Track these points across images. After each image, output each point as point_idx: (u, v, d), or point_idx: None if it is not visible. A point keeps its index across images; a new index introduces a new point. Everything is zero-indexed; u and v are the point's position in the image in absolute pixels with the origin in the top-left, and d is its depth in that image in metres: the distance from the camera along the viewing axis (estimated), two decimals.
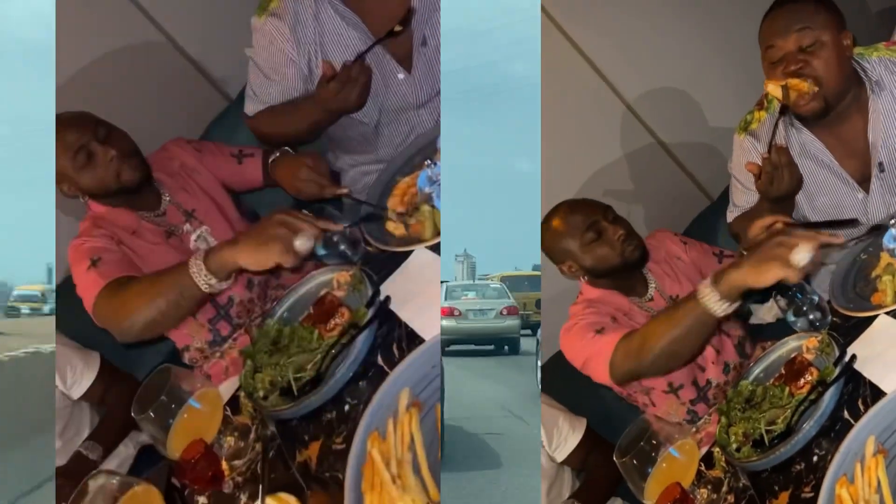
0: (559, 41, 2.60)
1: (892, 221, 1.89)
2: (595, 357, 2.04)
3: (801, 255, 1.66)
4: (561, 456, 2.27)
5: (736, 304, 1.78)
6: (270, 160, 2.22)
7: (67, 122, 2.08)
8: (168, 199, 2.17)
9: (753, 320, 2.28)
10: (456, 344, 13.52)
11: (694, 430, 2.15)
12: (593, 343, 2.04)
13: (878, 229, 2.04)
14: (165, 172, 2.20)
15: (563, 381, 2.41)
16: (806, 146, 2.09)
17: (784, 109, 1.99)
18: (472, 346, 13.82)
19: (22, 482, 4.47)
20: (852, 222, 1.99)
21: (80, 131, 2.05)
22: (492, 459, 5.92)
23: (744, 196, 2.23)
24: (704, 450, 2.08)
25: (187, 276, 1.81)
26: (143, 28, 2.42)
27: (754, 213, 2.13)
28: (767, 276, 1.69)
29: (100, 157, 2.04)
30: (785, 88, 1.96)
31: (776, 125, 2.00)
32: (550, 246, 2.20)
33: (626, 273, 2.18)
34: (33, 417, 4.64)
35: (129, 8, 2.42)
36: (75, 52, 2.27)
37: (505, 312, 13.86)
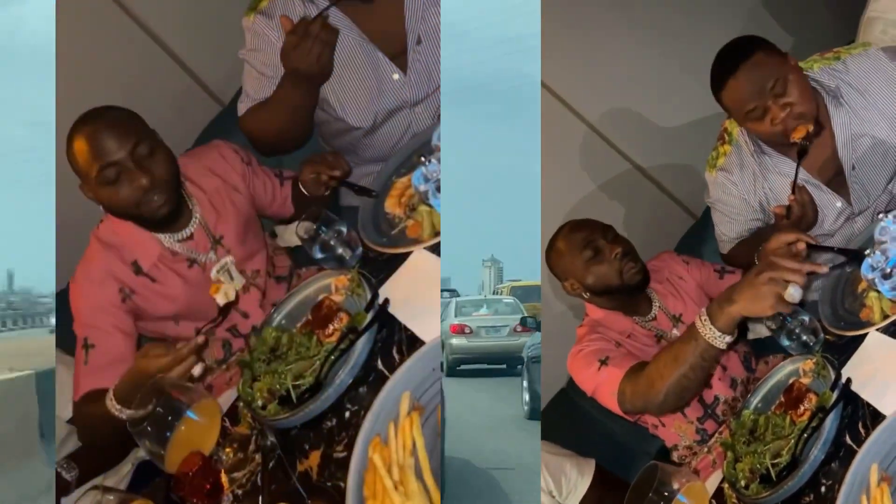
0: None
1: (868, 251, 1.87)
2: (601, 388, 2.09)
3: (794, 291, 1.72)
4: (573, 502, 2.26)
5: (735, 334, 1.84)
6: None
7: (113, 122, 1.87)
8: (198, 217, 2.04)
9: (750, 335, 2.32)
10: (466, 363, 12.98)
11: (706, 449, 2.20)
12: (599, 374, 2.09)
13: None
14: (200, 184, 2.07)
15: (566, 418, 2.39)
16: (778, 167, 2.18)
17: (802, 152, 2.05)
18: (484, 366, 13.14)
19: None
20: (858, 252, 1.99)
21: (120, 141, 1.85)
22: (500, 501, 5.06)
23: (731, 226, 2.31)
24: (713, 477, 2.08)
25: None
26: (137, 34, 2.43)
27: (759, 240, 2.14)
28: (765, 312, 1.76)
29: (126, 180, 1.86)
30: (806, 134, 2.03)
31: (797, 168, 2.06)
32: (554, 264, 2.25)
33: (627, 293, 2.20)
34: None
35: (123, 17, 2.42)
36: (75, 59, 2.27)
37: (519, 329, 12.91)
